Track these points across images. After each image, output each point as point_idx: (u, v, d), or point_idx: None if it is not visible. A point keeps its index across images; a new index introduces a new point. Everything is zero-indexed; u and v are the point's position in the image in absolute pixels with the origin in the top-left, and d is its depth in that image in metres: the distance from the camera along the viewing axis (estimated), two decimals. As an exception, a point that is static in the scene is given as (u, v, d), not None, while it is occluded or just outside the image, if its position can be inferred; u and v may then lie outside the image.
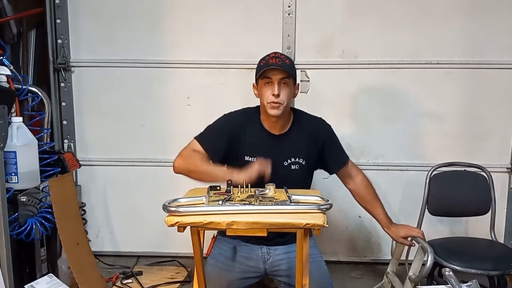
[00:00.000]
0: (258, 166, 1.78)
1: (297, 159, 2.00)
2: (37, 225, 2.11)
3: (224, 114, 2.07)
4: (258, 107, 2.05)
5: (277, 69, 1.87)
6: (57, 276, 2.21)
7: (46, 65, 2.82)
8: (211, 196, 1.62)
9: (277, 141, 2.00)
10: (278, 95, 1.87)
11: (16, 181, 2.05)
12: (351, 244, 2.96)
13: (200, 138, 2.02)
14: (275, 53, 1.96)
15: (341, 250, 2.96)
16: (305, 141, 2.01)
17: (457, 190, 2.46)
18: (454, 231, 2.85)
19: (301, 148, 2.01)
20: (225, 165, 1.97)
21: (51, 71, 2.82)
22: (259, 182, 1.75)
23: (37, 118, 2.40)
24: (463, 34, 2.70)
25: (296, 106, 2.67)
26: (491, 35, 2.69)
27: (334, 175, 2.15)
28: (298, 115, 2.07)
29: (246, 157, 1.98)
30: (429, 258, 1.85)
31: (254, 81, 2.00)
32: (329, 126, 2.10)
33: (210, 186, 1.74)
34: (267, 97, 1.89)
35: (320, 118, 2.11)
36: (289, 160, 1.99)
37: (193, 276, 1.78)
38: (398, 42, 2.73)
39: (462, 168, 2.51)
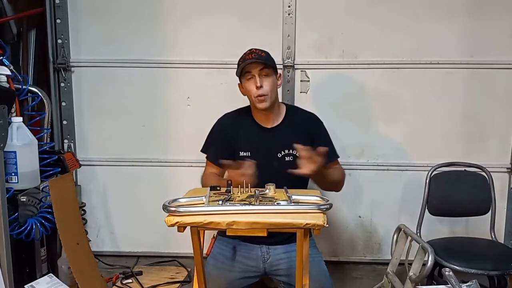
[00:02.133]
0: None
1: (291, 150, 2.02)
2: (37, 225, 2.11)
3: (219, 117, 2.16)
4: (250, 106, 2.11)
5: (255, 62, 1.94)
6: (57, 276, 2.21)
7: (46, 65, 2.81)
8: (211, 196, 1.62)
9: (270, 134, 2.04)
10: (261, 86, 1.94)
11: (16, 181, 2.05)
12: (351, 244, 2.96)
13: (208, 156, 2.13)
14: (250, 49, 2.04)
15: (341, 250, 2.96)
16: (298, 133, 2.05)
17: (457, 190, 2.46)
18: (454, 231, 2.85)
19: (294, 140, 2.02)
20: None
21: (51, 71, 2.82)
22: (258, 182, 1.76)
23: (37, 118, 2.39)
24: (463, 34, 2.70)
25: (296, 105, 2.68)
26: (491, 35, 2.69)
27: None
28: (291, 109, 2.15)
29: (241, 152, 2.03)
30: (430, 258, 1.85)
31: (238, 82, 2.07)
32: (321, 121, 2.15)
33: (210, 186, 1.74)
34: (252, 92, 1.97)
35: (313, 114, 2.15)
36: (282, 152, 2.02)
37: (193, 276, 1.78)
38: (398, 42, 2.73)
39: (462, 168, 2.52)
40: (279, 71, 2.10)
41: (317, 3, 2.72)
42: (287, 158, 2.02)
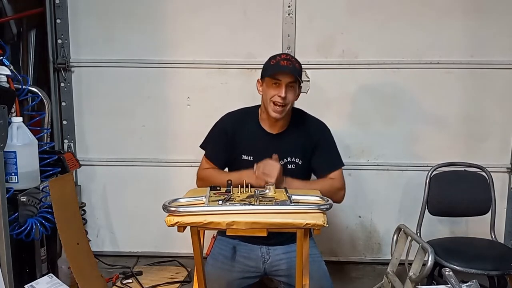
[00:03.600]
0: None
1: (293, 158, 2.01)
2: (37, 225, 2.11)
3: (223, 115, 2.12)
4: (257, 106, 2.08)
5: (288, 72, 1.90)
6: (57, 276, 2.21)
7: (46, 65, 2.82)
8: (211, 196, 1.62)
9: (274, 140, 2.02)
10: (284, 98, 1.90)
11: (16, 181, 2.05)
12: (351, 244, 2.96)
13: (206, 152, 2.11)
14: (287, 55, 1.99)
15: (341, 250, 2.96)
16: (301, 140, 2.03)
17: (457, 190, 2.46)
18: (454, 231, 2.85)
19: (297, 148, 2.02)
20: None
21: (51, 71, 2.82)
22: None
23: (37, 118, 2.39)
24: (463, 34, 2.71)
25: (296, 106, 2.69)
26: (491, 35, 2.69)
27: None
28: (298, 115, 2.09)
29: (243, 156, 2.02)
30: (430, 258, 1.85)
31: (259, 77, 2.01)
32: (327, 129, 2.10)
33: (210, 186, 1.74)
34: (273, 97, 1.92)
35: (320, 121, 2.11)
36: (285, 159, 2.00)
37: (193, 276, 1.78)
38: (398, 42, 2.73)
39: (462, 168, 2.52)
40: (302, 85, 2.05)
41: (317, 3, 2.72)
42: (289, 166, 2.00)
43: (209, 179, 1.99)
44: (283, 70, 1.90)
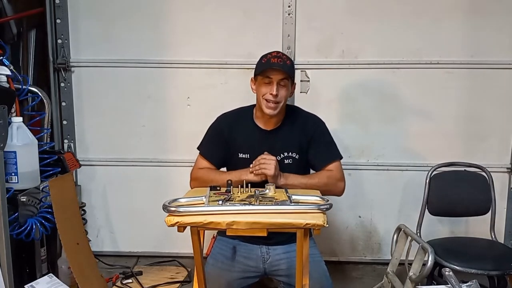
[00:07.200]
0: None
1: (290, 153, 2.02)
2: (37, 225, 2.11)
3: (218, 116, 2.13)
4: (252, 106, 2.10)
5: (278, 69, 1.91)
6: (57, 276, 2.21)
7: (46, 65, 2.82)
8: (211, 196, 1.62)
9: (269, 137, 2.03)
10: (276, 95, 1.91)
11: (16, 181, 2.05)
12: (351, 244, 2.96)
13: (202, 151, 2.11)
14: (277, 52, 2.00)
15: (341, 250, 2.96)
16: (297, 135, 2.03)
17: (457, 190, 2.46)
18: (454, 231, 2.85)
19: (293, 142, 2.02)
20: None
21: (51, 71, 2.82)
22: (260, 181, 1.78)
23: (37, 118, 2.40)
24: (463, 34, 2.70)
25: (296, 106, 2.68)
26: (491, 35, 2.69)
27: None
28: (292, 110, 2.11)
29: (240, 154, 2.03)
30: (430, 258, 1.85)
31: (252, 76, 2.03)
32: (322, 123, 2.11)
33: (210, 186, 1.74)
34: (264, 94, 1.94)
35: (314, 115, 2.12)
36: (282, 155, 2.01)
37: (193, 276, 1.78)
38: (398, 42, 2.73)
39: (462, 168, 2.52)
40: (295, 82, 2.07)
41: (317, 3, 2.72)
42: (286, 161, 2.01)
43: (203, 179, 1.99)
44: (273, 67, 1.91)
